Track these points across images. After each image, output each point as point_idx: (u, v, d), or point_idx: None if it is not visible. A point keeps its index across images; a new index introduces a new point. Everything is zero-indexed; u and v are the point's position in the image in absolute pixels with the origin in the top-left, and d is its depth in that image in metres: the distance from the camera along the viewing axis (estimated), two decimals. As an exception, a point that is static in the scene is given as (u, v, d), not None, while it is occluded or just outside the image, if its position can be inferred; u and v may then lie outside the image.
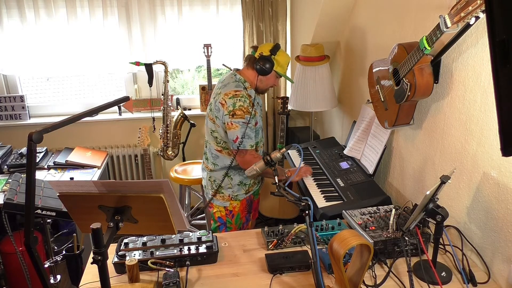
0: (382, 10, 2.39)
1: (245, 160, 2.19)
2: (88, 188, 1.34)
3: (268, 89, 2.37)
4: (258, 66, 2.16)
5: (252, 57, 2.22)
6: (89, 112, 1.54)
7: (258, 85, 2.25)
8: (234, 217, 2.39)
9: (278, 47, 2.20)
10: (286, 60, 2.24)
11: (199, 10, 3.47)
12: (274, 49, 2.18)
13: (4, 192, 2.52)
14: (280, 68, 2.22)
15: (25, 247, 1.29)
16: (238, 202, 2.36)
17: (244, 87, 2.21)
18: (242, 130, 2.14)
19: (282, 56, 2.21)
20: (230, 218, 2.39)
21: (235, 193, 2.34)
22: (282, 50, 2.22)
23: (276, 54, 2.19)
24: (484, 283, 1.56)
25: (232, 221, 2.40)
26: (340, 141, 2.91)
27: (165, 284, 1.53)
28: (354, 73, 2.92)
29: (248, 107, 2.15)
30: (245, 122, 2.14)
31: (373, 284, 1.56)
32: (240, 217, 2.41)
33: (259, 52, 2.20)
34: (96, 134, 3.64)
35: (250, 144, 2.18)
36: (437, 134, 1.89)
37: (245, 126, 2.14)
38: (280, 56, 2.20)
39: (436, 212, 1.49)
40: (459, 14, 1.33)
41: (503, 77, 0.89)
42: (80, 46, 3.40)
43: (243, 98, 2.14)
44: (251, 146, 2.19)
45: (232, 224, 2.40)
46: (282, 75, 2.25)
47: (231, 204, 2.36)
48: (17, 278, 2.70)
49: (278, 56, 2.19)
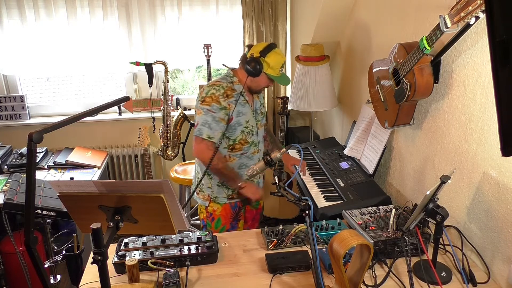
0: (382, 10, 2.39)
1: (199, 148, 2.10)
2: (88, 188, 1.34)
3: (262, 90, 2.27)
4: (247, 67, 2.09)
5: (245, 57, 2.14)
6: (89, 112, 1.53)
7: (249, 85, 2.17)
8: (214, 220, 2.27)
9: (271, 48, 2.10)
10: (278, 61, 2.11)
11: (199, 10, 3.47)
12: (265, 50, 2.08)
13: (4, 192, 2.52)
14: (271, 70, 2.11)
15: (25, 247, 1.29)
16: (218, 205, 2.24)
17: (230, 81, 2.15)
18: (203, 117, 2.07)
19: (273, 57, 2.09)
20: (210, 221, 2.28)
21: (214, 194, 2.23)
22: (275, 51, 2.11)
23: (266, 55, 2.08)
24: (484, 283, 1.56)
25: (212, 224, 2.28)
26: (340, 141, 2.91)
27: (165, 284, 1.52)
28: (354, 73, 2.92)
29: (219, 96, 2.07)
30: (210, 110, 2.06)
31: (373, 284, 1.56)
32: (222, 223, 2.27)
33: (251, 52, 2.12)
34: (96, 134, 3.64)
35: (208, 134, 2.07)
36: (437, 134, 1.89)
37: (209, 114, 2.06)
38: (271, 58, 2.09)
39: (436, 212, 1.49)
40: (459, 14, 1.33)
41: (503, 77, 0.89)
42: (80, 46, 3.40)
43: (218, 87, 2.09)
44: (208, 137, 2.07)
45: (212, 228, 2.27)
46: (272, 77, 2.14)
47: (211, 206, 2.25)
48: (17, 278, 2.70)
49: (268, 58, 2.08)
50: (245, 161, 2.24)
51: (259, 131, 2.30)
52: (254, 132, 2.25)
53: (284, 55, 2.22)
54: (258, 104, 2.30)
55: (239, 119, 2.16)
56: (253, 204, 2.38)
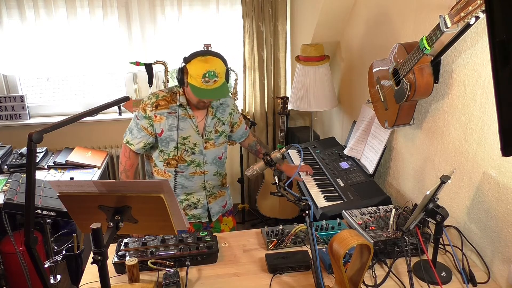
0: (382, 10, 2.39)
1: (121, 149, 2.09)
2: (88, 188, 1.34)
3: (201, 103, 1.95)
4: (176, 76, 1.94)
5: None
6: (89, 112, 1.54)
7: (187, 97, 1.98)
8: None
9: (196, 54, 1.85)
10: (198, 70, 1.81)
11: (199, 9, 3.47)
12: (190, 56, 1.86)
13: (4, 192, 2.52)
14: (192, 79, 1.84)
15: (25, 247, 1.29)
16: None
17: (174, 91, 2.00)
18: (131, 122, 2.04)
19: (194, 65, 1.82)
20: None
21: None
22: (201, 58, 1.84)
23: (188, 62, 1.85)
24: (484, 283, 1.56)
25: None
26: (340, 141, 2.91)
27: (165, 284, 1.53)
28: (354, 73, 2.92)
29: (147, 105, 1.96)
30: (136, 116, 2.00)
31: (373, 284, 1.56)
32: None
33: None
34: (96, 134, 3.64)
35: (127, 139, 2.04)
36: (437, 134, 1.89)
37: (134, 120, 2.02)
38: (192, 66, 1.83)
39: (436, 212, 1.49)
40: (459, 14, 1.33)
41: (503, 77, 0.90)
42: (80, 46, 3.40)
43: (152, 96, 1.99)
44: (127, 141, 2.04)
45: None
46: (192, 88, 1.84)
47: None
48: (17, 278, 2.70)
49: (189, 65, 1.84)
50: (182, 181, 2.06)
51: (208, 152, 2.07)
52: (197, 151, 2.04)
53: (212, 64, 1.83)
54: (209, 121, 2.05)
55: (171, 133, 1.98)
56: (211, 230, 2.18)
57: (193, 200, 2.12)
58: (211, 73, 1.82)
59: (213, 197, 2.18)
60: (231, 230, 2.29)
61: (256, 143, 2.36)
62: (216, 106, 2.08)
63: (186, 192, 2.11)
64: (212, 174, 2.13)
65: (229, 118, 2.14)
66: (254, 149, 2.37)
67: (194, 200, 2.13)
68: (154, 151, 2.08)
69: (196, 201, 2.13)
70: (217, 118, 2.08)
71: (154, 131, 2.00)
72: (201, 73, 1.81)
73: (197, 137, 2.03)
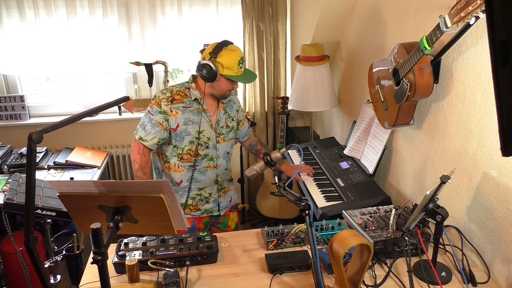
0: (382, 10, 2.39)
1: (132, 148, 2.06)
2: (88, 188, 1.34)
3: (228, 94, 2.04)
4: (201, 74, 1.91)
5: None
6: (89, 112, 1.54)
7: (211, 92, 2.01)
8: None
9: (222, 46, 1.89)
10: (232, 59, 1.89)
11: (199, 9, 3.47)
12: (215, 50, 1.89)
13: (4, 192, 2.52)
14: (227, 71, 1.90)
15: (25, 247, 1.29)
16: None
17: (187, 86, 2.03)
18: (143, 118, 2.03)
19: (226, 56, 1.88)
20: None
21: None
22: (228, 48, 1.90)
23: (217, 56, 1.88)
24: (484, 283, 1.56)
25: None
26: (340, 141, 2.91)
27: (165, 284, 1.53)
28: (354, 73, 2.92)
29: (162, 99, 1.96)
30: (150, 111, 2.00)
31: (373, 284, 1.56)
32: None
33: (203, 56, 1.93)
34: (96, 134, 3.64)
35: (140, 136, 2.01)
36: (437, 134, 1.89)
37: (147, 115, 2.00)
38: (224, 57, 1.88)
39: (436, 212, 1.49)
40: (459, 14, 1.33)
41: (503, 77, 0.89)
42: (80, 46, 3.40)
43: (166, 91, 1.99)
44: (140, 138, 2.02)
45: None
46: (231, 78, 1.92)
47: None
48: (17, 278, 2.70)
49: (221, 58, 1.88)
50: (195, 175, 2.09)
51: (220, 146, 2.11)
52: (211, 145, 2.08)
53: (240, 50, 1.95)
54: (221, 116, 2.10)
55: (187, 127, 2.01)
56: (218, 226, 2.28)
57: (205, 194, 2.15)
58: (242, 59, 1.94)
59: (223, 191, 2.22)
60: (235, 225, 2.35)
61: (257, 142, 2.38)
62: (226, 102, 2.12)
63: (199, 186, 2.13)
64: (224, 168, 2.18)
65: (236, 114, 2.20)
66: (254, 148, 2.39)
67: (206, 194, 2.16)
68: (167, 147, 2.08)
69: (208, 195, 2.16)
70: (227, 113, 2.13)
71: (169, 126, 2.00)
72: (236, 62, 1.90)
73: (210, 131, 2.07)
